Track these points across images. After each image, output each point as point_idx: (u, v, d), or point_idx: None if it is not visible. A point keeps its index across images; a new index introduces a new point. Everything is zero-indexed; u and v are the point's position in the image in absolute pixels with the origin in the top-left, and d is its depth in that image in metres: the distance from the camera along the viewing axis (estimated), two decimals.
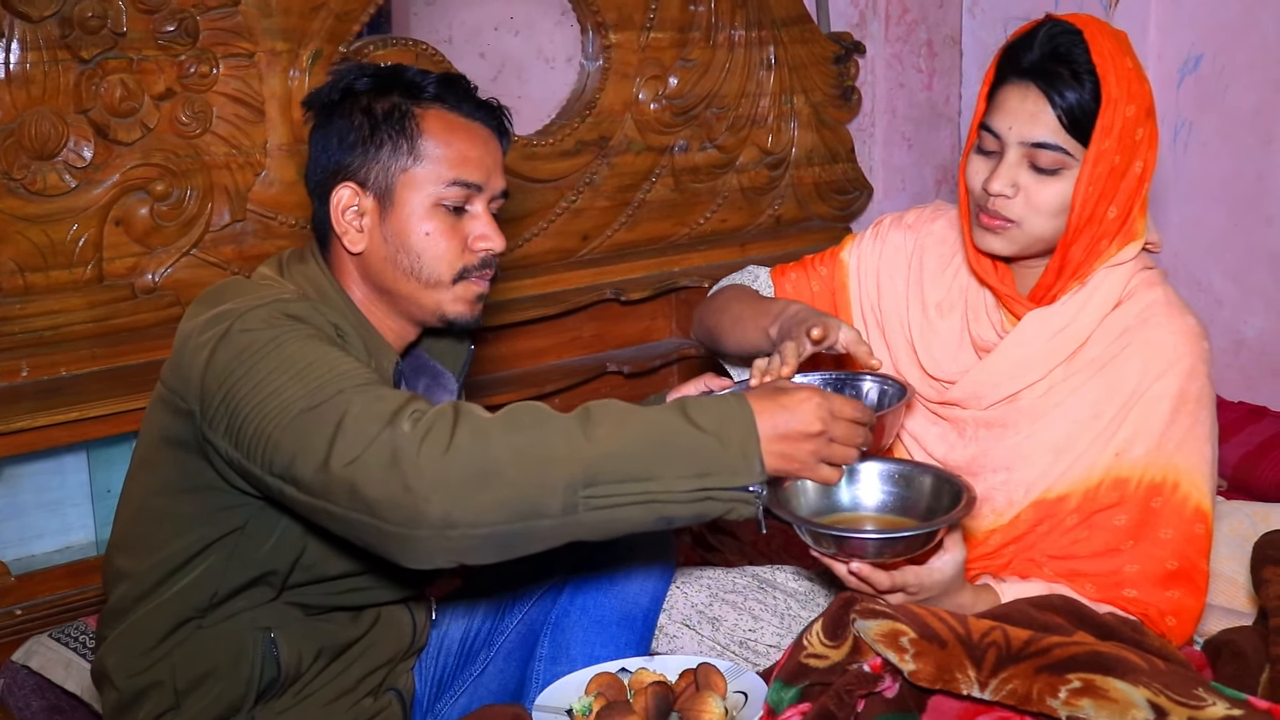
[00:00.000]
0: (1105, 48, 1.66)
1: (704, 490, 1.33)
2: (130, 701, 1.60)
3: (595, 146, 2.94)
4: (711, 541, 2.29)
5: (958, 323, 1.84)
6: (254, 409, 1.41)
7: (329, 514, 1.36)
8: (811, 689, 1.43)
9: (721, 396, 1.39)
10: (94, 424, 2.22)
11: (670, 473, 1.31)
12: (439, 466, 1.29)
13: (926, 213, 1.95)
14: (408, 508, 1.29)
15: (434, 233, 1.62)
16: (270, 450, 1.39)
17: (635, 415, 1.34)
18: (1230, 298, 2.91)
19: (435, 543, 1.30)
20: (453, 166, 1.63)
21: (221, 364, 1.46)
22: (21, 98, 2.22)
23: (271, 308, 1.50)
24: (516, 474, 1.29)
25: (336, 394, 1.37)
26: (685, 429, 1.33)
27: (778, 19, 3.18)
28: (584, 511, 1.31)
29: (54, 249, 2.28)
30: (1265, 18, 2.77)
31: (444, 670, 1.84)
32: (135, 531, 1.61)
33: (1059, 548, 1.73)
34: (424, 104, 1.63)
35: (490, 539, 1.31)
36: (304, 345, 1.45)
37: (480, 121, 1.67)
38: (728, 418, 1.35)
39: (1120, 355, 1.73)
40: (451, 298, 1.65)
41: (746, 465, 1.34)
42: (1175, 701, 1.29)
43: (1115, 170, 1.66)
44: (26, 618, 2.20)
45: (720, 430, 1.34)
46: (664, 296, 3.07)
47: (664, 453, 1.32)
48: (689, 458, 1.32)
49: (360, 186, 1.63)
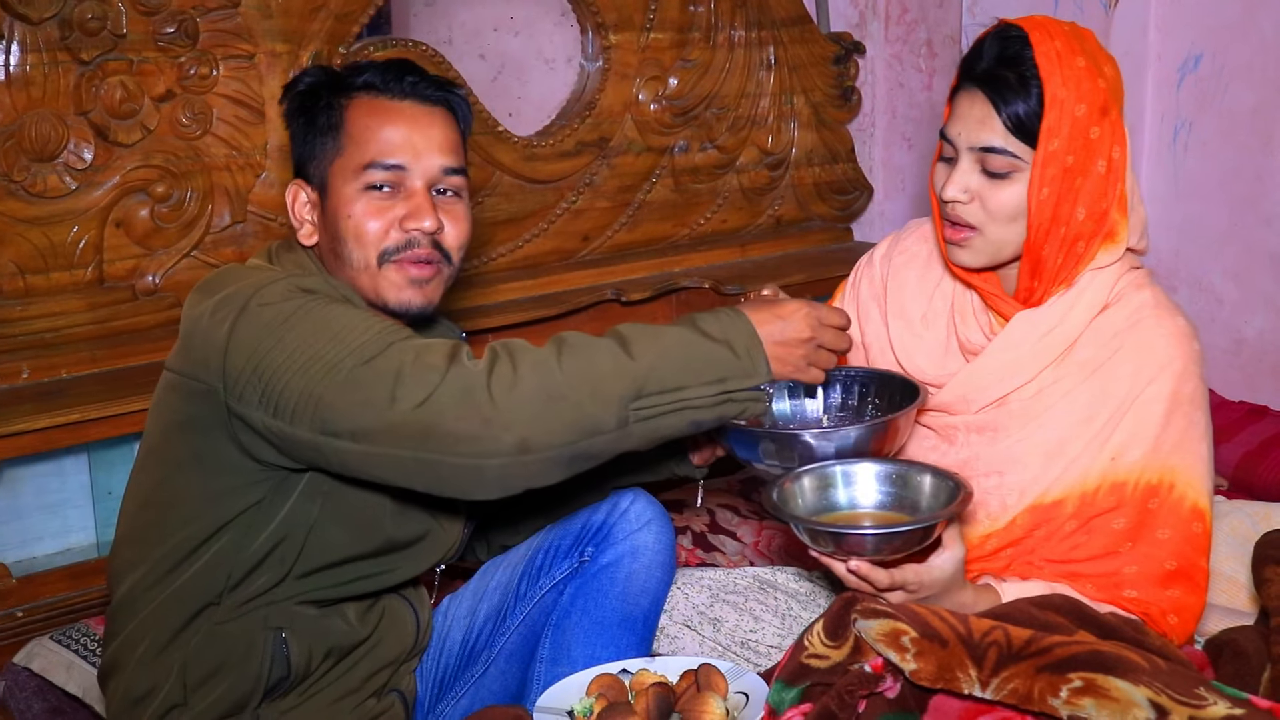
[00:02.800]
0: (1052, 49, 1.66)
1: (725, 393, 1.48)
2: (140, 696, 1.60)
3: (595, 147, 2.94)
4: (712, 542, 2.29)
5: (943, 330, 1.85)
6: (296, 373, 1.44)
7: (395, 461, 1.42)
8: (813, 689, 1.43)
9: (724, 310, 1.52)
10: (95, 426, 2.21)
11: (697, 380, 1.46)
12: (511, 397, 1.37)
13: (899, 235, 1.98)
14: (487, 439, 1.37)
15: (355, 215, 1.64)
16: (324, 410, 1.43)
17: (661, 333, 1.48)
18: (1230, 297, 2.91)
19: (511, 469, 1.39)
20: (371, 150, 1.64)
21: (246, 338, 1.48)
22: (21, 100, 2.22)
23: (286, 282, 1.53)
24: (579, 395, 1.40)
25: (387, 346, 1.43)
26: (702, 341, 1.48)
27: (777, 19, 3.18)
28: (634, 423, 1.44)
29: (54, 251, 2.28)
30: (1265, 18, 2.77)
31: (445, 672, 1.84)
32: (145, 520, 1.61)
33: (1058, 553, 1.73)
34: (351, 94, 1.66)
35: (559, 459, 1.41)
36: (331, 309, 1.49)
37: (414, 100, 1.67)
38: (734, 328, 1.50)
39: (1112, 359, 1.73)
40: (386, 284, 1.64)
41: (755, 368, 1.50)
42: (1177, 701, 1.29)
43: (1070, 170, 1.66)
44: (27, 620, 2.20)
45: (729, 339, 1.49)
46: (665, 297, 3.06)
47: (690, 364, 1.46)
48: (710, 366, 1.47)
49: (306, 182, 1.68)
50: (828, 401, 1.84)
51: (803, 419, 1.83)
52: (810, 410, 1.84)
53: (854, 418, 1.81)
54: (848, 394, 1.83)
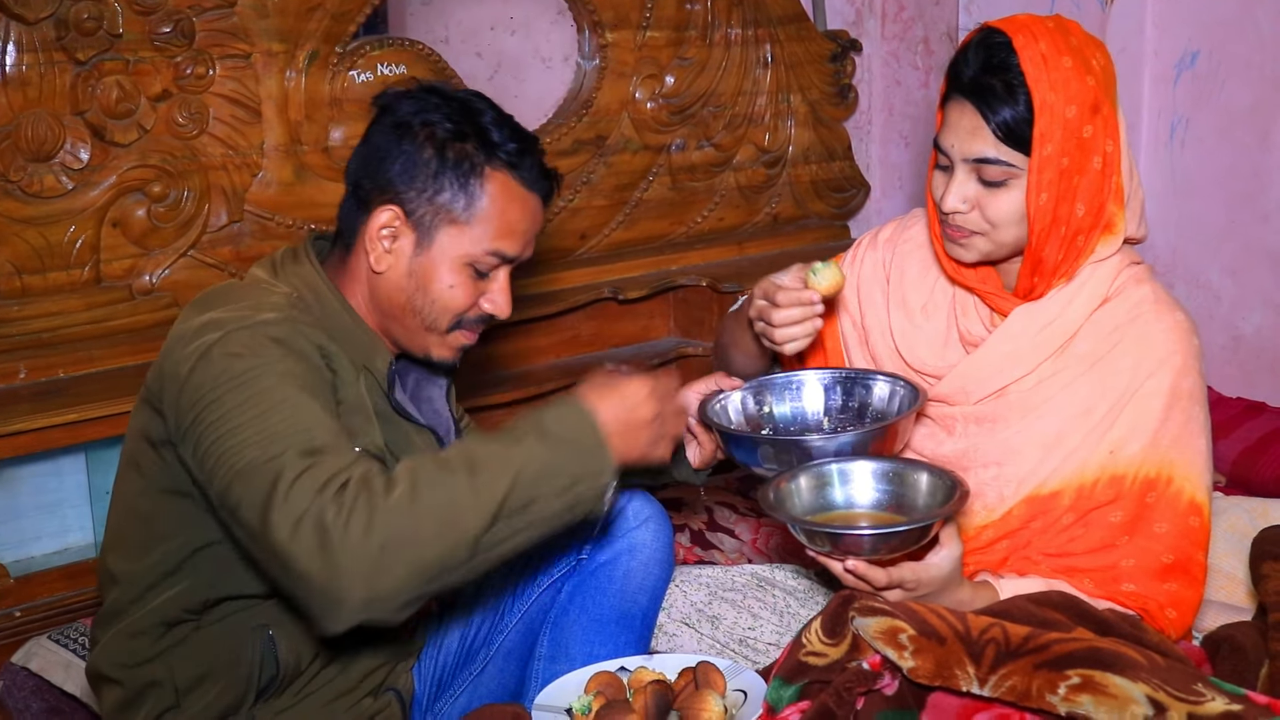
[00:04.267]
0: (1036, 53, 1.65)
1: (575, 497, 1.44)
2: (131, 700, 1.60)
3: (592, 145, 2.94)
4: (710, 540, 2.29)
5: (943, 322, 1.84)
6: (215, 442, 1.45)
7: (264, 563, 1.44)
8: (811, 687, 1.43)
9: (570, 406, 1.47)
10: (92, 425, 2.21)
11: (548, 492, 1.42)
12: (364, 547, 1.34)
13: (904, 222, 1.96)
14: (334, 590, 1.35)
15: (456, 287, 1.64)
16: (222, 488, 1.44)
17: (512, 450, 1.42)
18: (1228, 294, 2.91)
19: (355, 616, 1.38)
20: (498, 236, 1.64)
21: (196, 384, 1.47)
22: (18, 100, 2.21)
23: (255, 330, 1.50)
24: (432, 541, 1.37)
25: (284, 452, 1.41)
26: (552, 451, 1.43)
27: (774, 17, 3.18)
28: (485, 551, 1.40)
29: (51, 251, 2.28)
30: (1261, 14, 2.77)
31: (443, 670, 1.84)
32: (125, 533, 1.61)
33: (1055, 546, 1.73)
34: (496, 164, 1.63)
35: (410, 601, 1.40)
36: (275, 386, 1.46)
37: (536, 194, 1.67)
38: (581, 426, 1.45)
39: (1111, 352, 1.74)
40: (440, 342, 1.67)
41: (603, 466, 1.46)
42: (1174, 697, 1.29)
43: (1067, 172, 1.66)
44: (25, 619, 2.19)
45: (578, 438, 1.44)
46: (662, 295, 3.06)
47: (541, 479, 1.42)
48: (560, 474, 1.43)
49: (404, 215, 1.62)
50: (828, 404, 1.83)
51: (802, 421, 1.83)
52: (810, 413, 1.83)
53: (854, 420, 1.81)
54: (848, 396, 1.82)
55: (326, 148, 2.56)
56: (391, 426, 1.65)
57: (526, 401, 2.87)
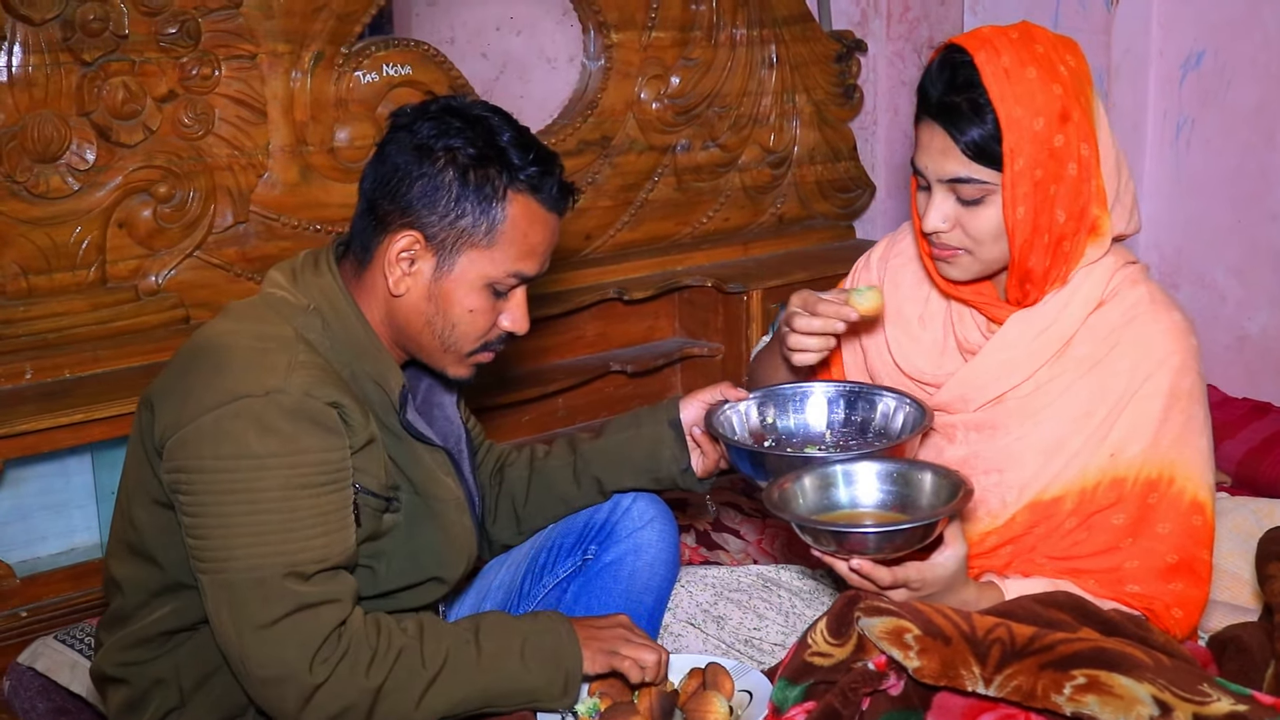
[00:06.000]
0: (999, 68, 1.64)
1: (532, 705, 1.59)
2: (136, 700, 1.60)
3: (597, 146, 2.94)
4: (716, 540, 2.29)
5: (940, 331, 1.85)
6: (200, 522, 1.48)
7: (226, 658, 1.52)
8: (816, 687, 1.43)
9: (561, 626, 1.61)
10: (98, 426, 2.22)
11: (508, 704, 1.58)
12: (321, 712, 1.48)
13: (894, 237, 1.97)
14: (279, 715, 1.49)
15: (477, 311, 1.63)
16: (203, 578, 1.49)
17: (491, 665, 1.55)
18: (1234, 294, 2.91)
19: None
20: (519, 259, 1.63)
21: (196, 446, 1.47)
22: (24, 100, 2.22)
23: (270, 400, 1.48)
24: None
25: (283, 576, 1.46)
26: (528, 672, 1.57)
27: (779, 18, 3.18)
28: None
29: (57, 252, 2.29)
30: (1267, 14, 2.77)
31: None
32: (127, 540, 1.61)
33: (1059, 550, 1.73)
34: (518, 187, 1.61)
35: None
36: (279, 492, 1.47)
37: (558, 212, 1.66)
38: (560, 653, 1.58)
39: (1109, 355, 1.73)
40: (458, 362, 1.67)
41: (568, 693, 1.59)
42: (1180, 697, 1.29)
43: (1041, 183, 1.65)
44: (31, 620, 2.20)
45: (557, 661, 1.58)
46: (667, 296, 3.07)
47: (505, 694, 1.57)
48: (526, 691, 1.57)
49: (425, 239, 1.60)
50: (831, 417, 1.83)
51: (806, 434, 1.82)
52: (814, 427, 1.83)
53: (857, 434, 1.81)
54: (852, 410, 1.82)
55: (332, 148, 2.56)
56: (403, 446, 1.65)
57: (532, 402, 2.87)
